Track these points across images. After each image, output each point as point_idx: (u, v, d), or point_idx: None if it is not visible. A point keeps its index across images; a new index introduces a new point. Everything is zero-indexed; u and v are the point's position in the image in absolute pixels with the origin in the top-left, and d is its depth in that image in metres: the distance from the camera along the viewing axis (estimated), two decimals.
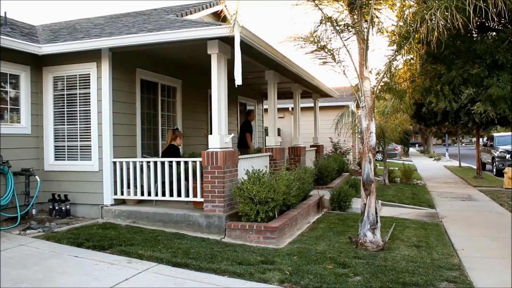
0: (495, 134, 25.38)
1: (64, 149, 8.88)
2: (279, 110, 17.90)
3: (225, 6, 10.61)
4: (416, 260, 6.42)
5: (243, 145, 12.86)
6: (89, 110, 8.60)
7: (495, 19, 6.54)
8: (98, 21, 11.18)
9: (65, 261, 5.83)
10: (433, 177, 21.34)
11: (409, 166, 20.38)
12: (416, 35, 7.09)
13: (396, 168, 20.90)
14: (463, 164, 28.32)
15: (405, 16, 7.80)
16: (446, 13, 6.24)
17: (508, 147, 21.40)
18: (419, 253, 6.87)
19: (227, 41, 7.44)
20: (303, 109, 15.76)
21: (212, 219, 7.61)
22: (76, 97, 8.77)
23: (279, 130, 20.69)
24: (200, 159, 7.82)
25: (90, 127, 8.60)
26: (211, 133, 7.90)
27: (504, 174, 16.64)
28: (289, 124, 21.22)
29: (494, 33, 8.41)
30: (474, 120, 19.37)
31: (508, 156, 20.98)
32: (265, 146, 11.16)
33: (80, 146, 8.75)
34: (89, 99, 8.60)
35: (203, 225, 7.65)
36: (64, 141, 8.87)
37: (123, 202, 8.68)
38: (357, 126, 15.30)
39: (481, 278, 5.79)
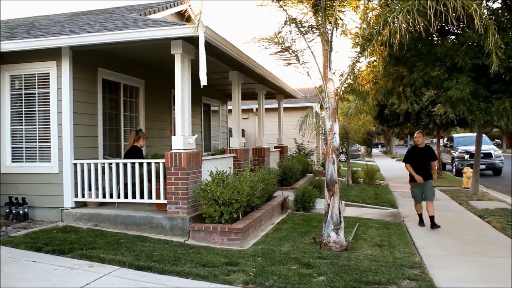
0: (454, 135, 26.08)
1: (22, 150, 8.60)
2: (244, 111, 17.84)
3: (190, 5, 10.51)
4: (378, 259, 6.51)
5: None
6: (49, 110, 8.35)
7: (454, 23, 6.70)
8: (58, 18, 10.90)
9: (23, 266, 5.64)
10: (395, 177, 21.72)
11: (372, 166, 20.73)
12: (379, 38, 7.20)
13: (360, 169, 21.18)
14: None
15: (369, 18, 7.92)
16: (408, 16, 6.36)
17: (467, 148, 22.01)
18: (382, 252, 6.97)
19: (191, 41, 7.36)
20: (267, 110, 15.77)
21: (175, 221, 7.52)
22: (35, 96, 8.52)
23: (243, 131, 20.68)
24: (164, 160, 7.73)
25: (49, 127, 8.35)
26: (174, 134, 7.82)
27: (463, 174, 17.08)
28: (253, 125, 21.21)
29: (453, 37, 8.62)
30: (435, 121, 19.81)
31: (467, 156, 21.59)
32: (229, 147, 11.12)
33: (39, 148, 8.50)
34: (49, 99, 8.36)
35: (167, 227, 7.55)
36: (22, 142, 8.60)
37: (84, 204, 8.46)
38: (321, 127, 15.49)
39: (441, 275, 5.92)
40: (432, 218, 9.10)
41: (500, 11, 8.14)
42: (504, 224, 9.31)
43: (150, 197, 7.99)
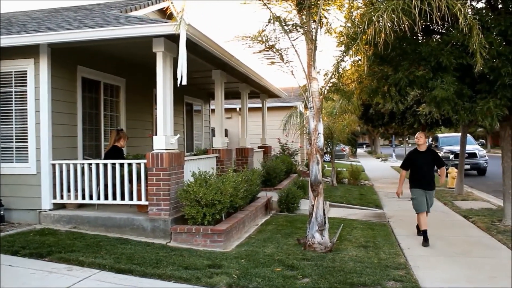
0: (439, 135, 26.28)
1: None
2: (227, 110, 17.78)
3: (172, 3, 10.36)
4: (363, 260, 6.46)
5: None
6: (26, 109, 8.15)
7: (439, 22, 6.69)
8: (36, 14, 10.68)
9: None
10: (380, 177, 21.79)
11: (357, 167, 20.71)
12: (364, 37, 7.15)
13: (344, 169, 21.18)
14: None
15: (353, 17, 7.86)
16: (393, 15, 6.32)
17: (451, 148, 22.14)
18: (367, 253, 6.92)
19: (173, 39, 7.22)
20: (251, 109, 15.69)
21: (157, 222, 7.38)
22: (12, 95, 8.29)
23: (226, 131, 20.56)
24: (145, 160, 7.59)
25: (27, 127, 8.14)
26: (156, 134, 7.68)
27: (448, 174, 17.15)
28: (236, 125, 21.11)
29: (438, 36, 8.61)
30: (420, 121, 19.92)
31: (451, 156, 21.70)
32: (212, 147, 11.00)
33: (16, 148, 8.28)
34: (26, 97, 8.15)
35: (148, 229, 7.41)
36: None
37: (63, 206, 8.28)
38: (305, 127, 15.39)
39: (426, 276, 5.91)
40: (418, 227, 8.35)
41: (484, 11, 8.16)
42: (488, 224, 9.33)
43: (131, 198, 7.83)
